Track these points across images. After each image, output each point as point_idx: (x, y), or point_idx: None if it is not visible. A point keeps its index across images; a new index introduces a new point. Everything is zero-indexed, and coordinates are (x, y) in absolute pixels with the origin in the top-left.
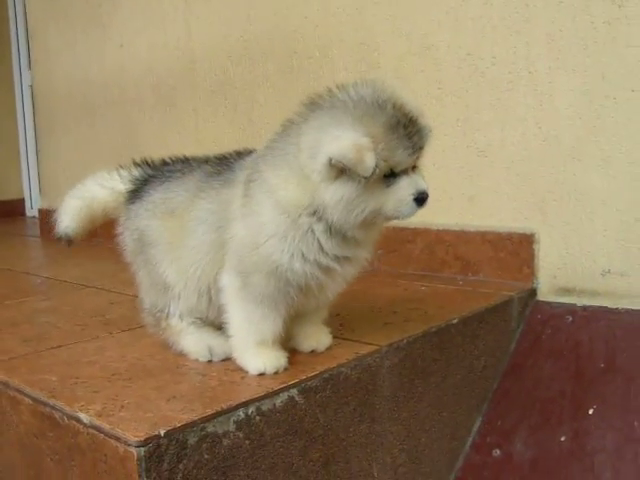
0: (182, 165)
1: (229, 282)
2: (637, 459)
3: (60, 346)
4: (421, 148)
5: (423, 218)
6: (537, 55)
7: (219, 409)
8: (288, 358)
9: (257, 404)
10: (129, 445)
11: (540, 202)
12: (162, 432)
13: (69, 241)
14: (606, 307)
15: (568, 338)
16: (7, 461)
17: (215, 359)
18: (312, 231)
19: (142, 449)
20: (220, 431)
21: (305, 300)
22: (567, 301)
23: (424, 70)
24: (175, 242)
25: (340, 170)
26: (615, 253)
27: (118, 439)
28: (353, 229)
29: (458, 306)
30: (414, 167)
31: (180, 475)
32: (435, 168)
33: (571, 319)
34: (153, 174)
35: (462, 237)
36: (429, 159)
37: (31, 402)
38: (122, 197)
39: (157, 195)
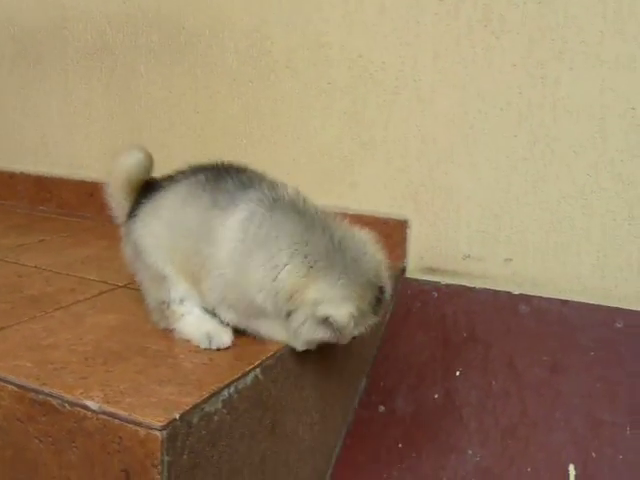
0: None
1: None
2: (495, 410)
3: (3, 328)
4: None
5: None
6: (423, 67)
7: (211, 391)
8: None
9: (235, 384)
10: (152, 429)
11: (414, 194)
12: (177, 416)
13: None
14: (465, 286)
15: (435, 311)
16: None
17: (213, 346)
18: None
19: (164, 432)
20: (212, 409)
21: None
22: (432, 279)
23: (315, 64)
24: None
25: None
26: (475, 241)
27: (139, 424)
28: None
29: None
30: None
31: (187, 450)
32: (320, 154)
33: (436, 295)
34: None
35: None
36: (313, 145)
37: (16, 389)
38: None
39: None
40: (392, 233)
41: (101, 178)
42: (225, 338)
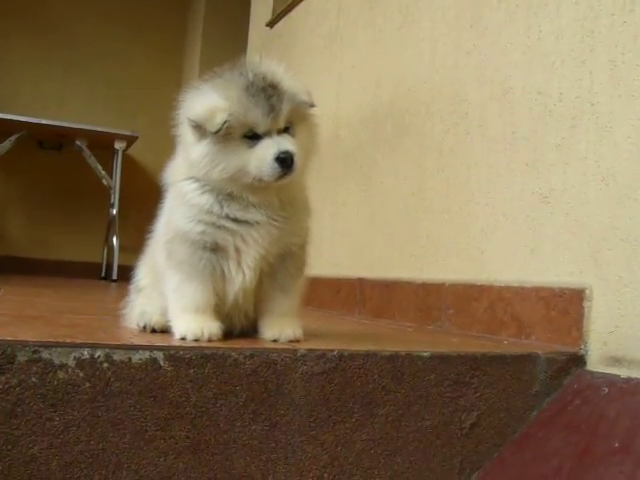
0: None
1: (161, 255)
2: None
3: None
4: (280, 111)
5: (488, 275)
6: (599, 85)
7: (60, 341)
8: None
9: (107, 350)
10: None
11: (594, 252)
12: None
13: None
14: None
15: (593, 412)
16: None
17: (141, 323)
18: (187, 193)
19: None
20: (56, 362)
21: (227, 267)
22: (613, 372)
23: (501, 115)
24: None
25: (203, 131)
26: None
27: None
28: (234, 189)
29: (450, 348)
30: (285, 131)
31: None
32: (504, 219)
33: (607, 391)
34: None
35: (519, 294)
36: (499, 209)
37: None
38: None
39: None
40: (569, 308)
41: (348, 274)
42: (155, 318)
